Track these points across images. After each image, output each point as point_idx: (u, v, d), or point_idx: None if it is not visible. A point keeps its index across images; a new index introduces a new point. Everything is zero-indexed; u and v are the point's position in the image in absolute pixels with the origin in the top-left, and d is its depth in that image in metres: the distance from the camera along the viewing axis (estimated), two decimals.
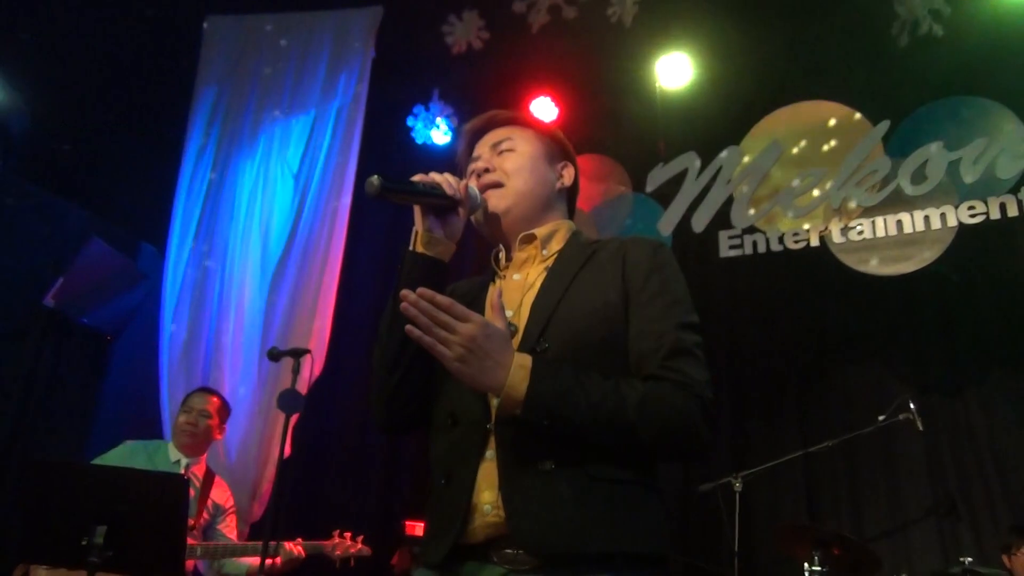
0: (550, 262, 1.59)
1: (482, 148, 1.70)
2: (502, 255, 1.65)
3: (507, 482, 1.35)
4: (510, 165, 1.64)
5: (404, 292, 1.28)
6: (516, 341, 1.46)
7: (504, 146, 1.67)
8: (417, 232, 1.54)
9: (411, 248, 1.53)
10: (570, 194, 1.76)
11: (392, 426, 1.60)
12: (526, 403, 1.30)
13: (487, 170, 1.64)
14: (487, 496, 1.36)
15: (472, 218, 1.64)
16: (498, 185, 1.63)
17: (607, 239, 1.63)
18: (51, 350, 4.41)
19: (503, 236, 1.64)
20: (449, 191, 1.52)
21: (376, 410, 1.58)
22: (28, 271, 4.32)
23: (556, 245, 1.63)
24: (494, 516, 1.34)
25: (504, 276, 1.62)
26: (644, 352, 1.43)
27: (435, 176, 1.53)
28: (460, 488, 1.39)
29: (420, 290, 1.29)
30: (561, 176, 1.73)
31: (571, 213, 1.76)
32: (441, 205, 1.54)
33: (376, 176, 1.44)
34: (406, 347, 1.46)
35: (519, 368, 1.31)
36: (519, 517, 1.32)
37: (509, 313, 1.51)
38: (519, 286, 1.57)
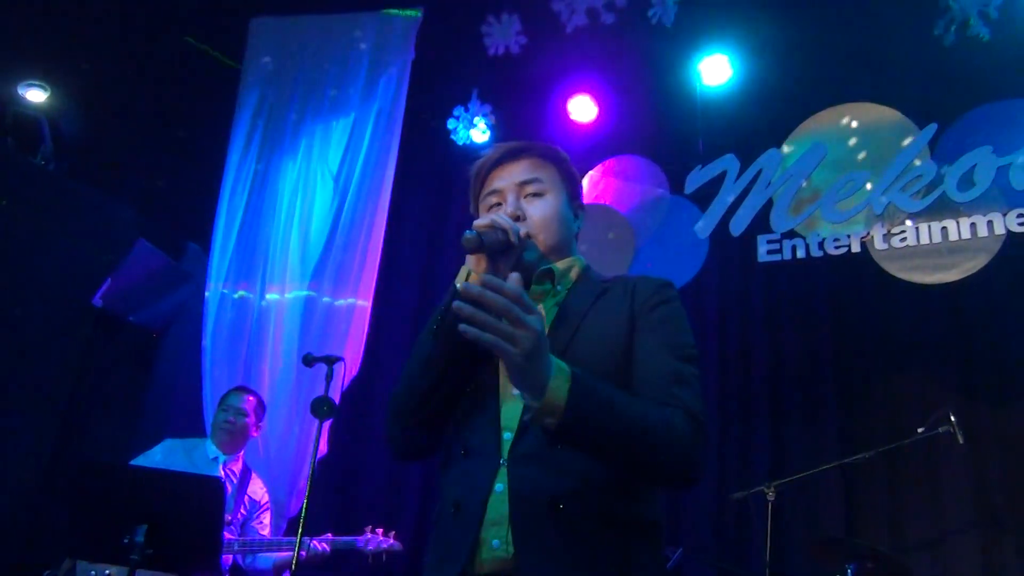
0: (560, 298, 1.59)
1: (506, 182, 1.62)
2: None
3: (519, 521, 1.36)
4: (539, 215, 1.59)
5: (465, 287, 1.19)
6: None
7: (532, 188, 1.61)
8: (471, 275, 1.46)
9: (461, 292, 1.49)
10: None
11: (408, 455, 1.62)
12: (568, 405, 1.25)
13: (517, 217, 1.56)
14: (496, 531, 1.37)
15: None
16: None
17: (617, 277, 1.63)
18: (100, 347, 4.56)
19: None
20: (514, 239, 1.47)
21: (394, 438, 1.58)
22: (79, 271, 4.47)
23: (569, 282, 1.62)
24: (502, 552, 1.35)
25: None
26: (647, 379, 1.44)
27: (500, 221, 1.47)
28: (470, 519, 1.39)
29: (485, 278, 1.21)
30: (578, 218, 1.71)
31: None
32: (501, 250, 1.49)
33: (474, 233, 1.42)
34: (440, 386, 1.48)
35: (558, 370, 1.26)
36: (529, 558, 1.33)
37: None
38: None
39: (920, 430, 3.86)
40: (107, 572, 3.32)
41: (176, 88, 5.27)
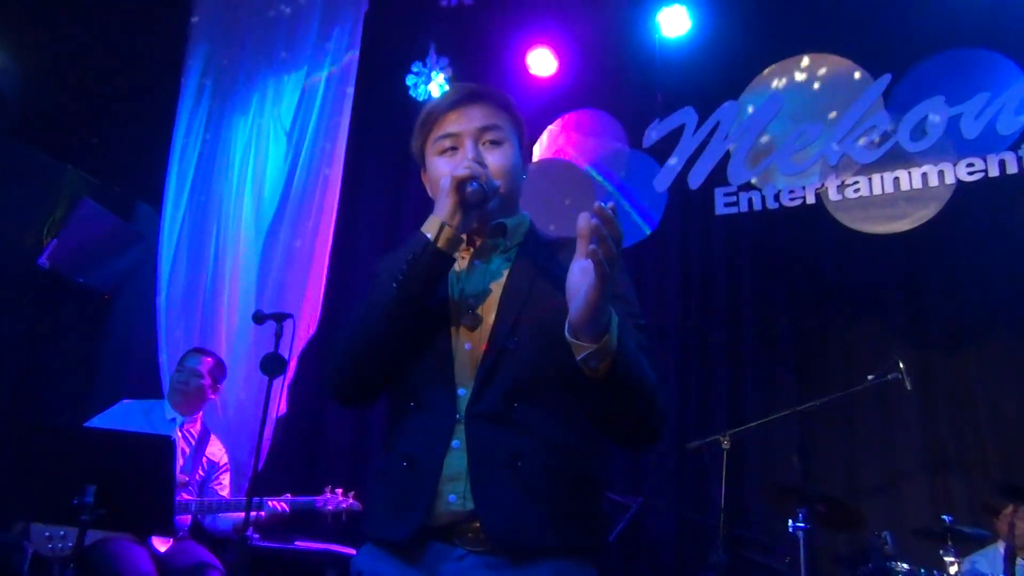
0: (510, 253, 1.58)
1: (464, 126, 1.57)
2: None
3: (478, 477, 1.37)
4: (498, 164, 1.55)
5: (602, 207, 1.20)
6: (485, 334, 1.47)
7: (492, 136, 1.57)
8: (445, 227, 1.44)
9: (434, 243, 1.43)
10: None
11: (354, 401, 1.59)
12: (618, 351, 1.27)
13: (481, 164, 1.52)
14: (453, 486, 1.38)
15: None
16: None
17: (563, 239, 1.60)
18: (49, 310, 4.47)
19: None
20: (489, 190, 1.47)
21: (342, 384, 1.55)
22: (23, 232, 4.36)
23: (518, 238, 1.61)
24: (459, 506, 1.37)
25: (463, 258, 1.58)
26: None
27: (477, 169, 1.46)
28: (425, 474, 1.40)
29: (612, 206, 1.22)
30: (525, 168, 1.68)
31: None
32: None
33: (477, 185, 1.43)
34: (397, 336, 1.46)
35: (612, 316, 1.29)
36: (491, 514, 1.36)
37: (472, 301, 1.51)
38: (482, 275, 1.55)
39: (870, 377, 3.94)
40: (61, 533, 3.31)
41: (123, 43, 5.10)
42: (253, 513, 3.12)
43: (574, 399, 1.40)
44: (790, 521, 3.56)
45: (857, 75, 4.46)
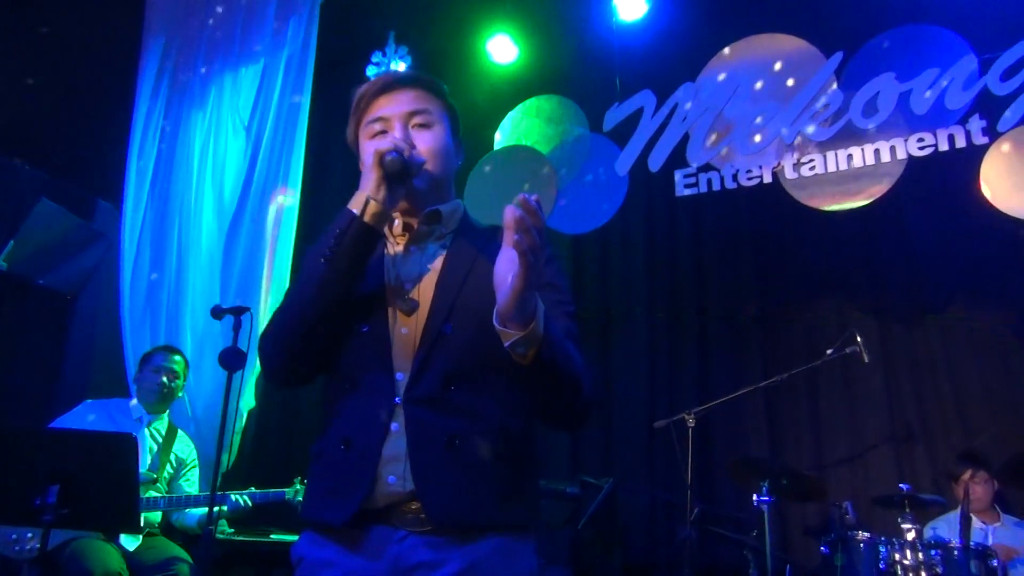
0: (446, 240, 1.59)
1: (394, 110, 1.58)
2: (399, 221, 1.60)
3: (418, 459, 1.39)
4: (428, 145, 1.57)
5: (526, 197, 1.22)
6: (421, 319, 1.48)
7: (420, 119, 1.59)
8: (370, 201, 1.45)
9: (360, 217, 1.44)
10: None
11: (286, 382, 1.59)
12: (544, 338, 1.30)
13: (411, 145, 1.53)
14: (393, 468, 1.40)
15: None
16: None
17: (497, 228, 1.57)
18: (10, 313, 4.42)
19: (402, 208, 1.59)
20: (412, 165, 1.48)
21: (274, 365, 1.55)
22: None
23: (452, 225, 1.62)
24: (399, 487, 1.39)
25: (398, 244, 1.59)
26: None
27: (400, 144, 1.47)
28: (364, 457, 1.41)
29: (537, 198, 1.25)
30: (458, 155, 1.69)
31: None
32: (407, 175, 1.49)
33: (398, 155, 1.43)
34: (331, 313, 1.46)
35: (538, 304, 1.32)
36: (431, 493, 1.38)
37: (408, 286, 1.52)
38: (418, 261, 1.56)
39: (829, 352, 4.02)
40: (28, 535, 3.30)
41: (77, 37, 5.01)
42: (218, 507, 3.13)
43: (510, 382, 1.42)
44: (754, 495, 3.63)
45: (810, 54, 4.51)
